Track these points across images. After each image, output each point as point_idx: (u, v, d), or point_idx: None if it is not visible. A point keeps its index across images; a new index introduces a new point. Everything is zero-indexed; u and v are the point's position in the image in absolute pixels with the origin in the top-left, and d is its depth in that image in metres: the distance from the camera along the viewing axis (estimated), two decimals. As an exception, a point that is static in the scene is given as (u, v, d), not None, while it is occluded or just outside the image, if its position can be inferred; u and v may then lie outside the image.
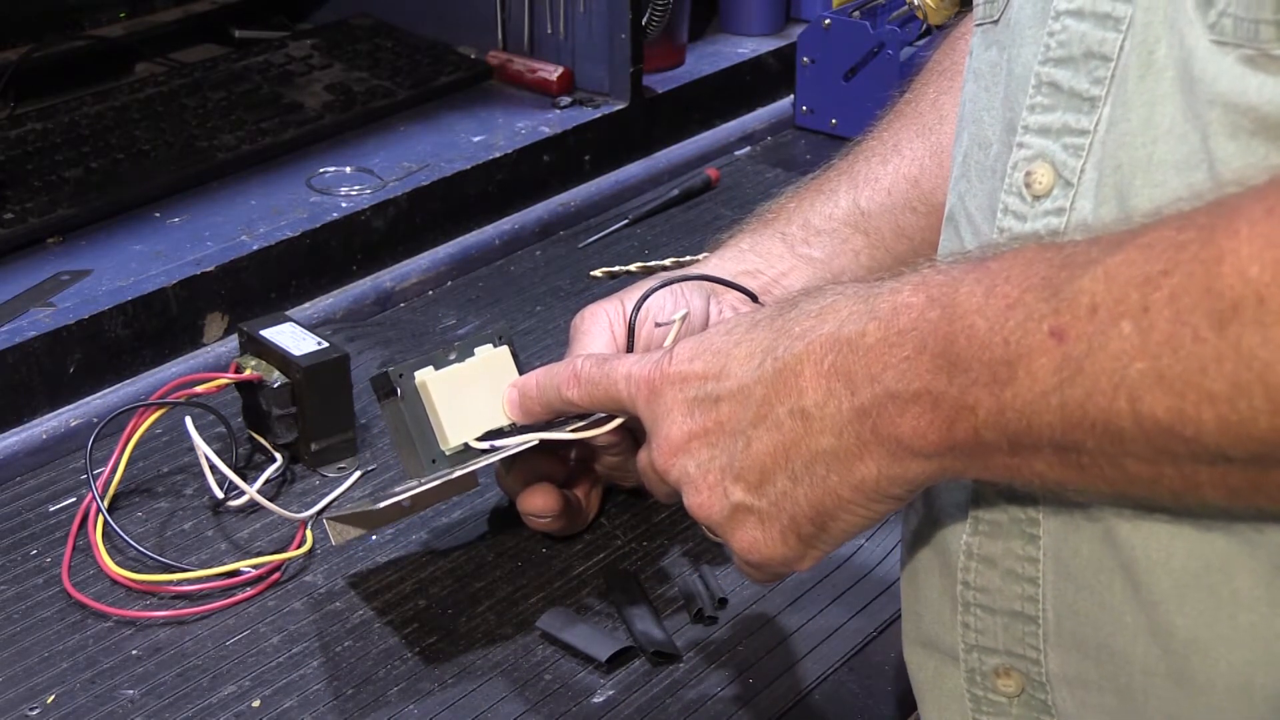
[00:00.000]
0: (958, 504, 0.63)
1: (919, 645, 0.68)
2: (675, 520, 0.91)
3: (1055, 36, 0.58)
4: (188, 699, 0.78)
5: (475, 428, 0.82)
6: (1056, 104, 0.58)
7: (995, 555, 0.61)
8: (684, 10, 1.45)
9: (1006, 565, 0.61)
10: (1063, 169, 0.58)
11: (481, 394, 0.82)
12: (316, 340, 0.95)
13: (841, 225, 0.92)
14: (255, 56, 1.39)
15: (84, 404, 1.02)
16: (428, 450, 0.82)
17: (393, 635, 0.82)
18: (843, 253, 0.91)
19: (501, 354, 0.83)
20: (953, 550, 0.63)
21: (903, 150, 0.92)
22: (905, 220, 0.92)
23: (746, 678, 0.79)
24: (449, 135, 1.30)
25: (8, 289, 1.05)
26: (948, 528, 0.63)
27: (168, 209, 1.17)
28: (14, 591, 0.85)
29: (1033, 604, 0.60)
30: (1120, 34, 0.56)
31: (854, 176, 0.93)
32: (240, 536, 0.90)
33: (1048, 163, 0.58)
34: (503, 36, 1.41)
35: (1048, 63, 0.59)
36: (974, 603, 0.63)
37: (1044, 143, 0.58)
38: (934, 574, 0.65)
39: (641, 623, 0.81)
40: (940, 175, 0.91)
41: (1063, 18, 0.58)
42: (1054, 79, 0.58)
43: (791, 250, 0.91)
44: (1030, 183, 0.59)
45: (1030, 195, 0.59)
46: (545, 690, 0.78)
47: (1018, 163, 0.59)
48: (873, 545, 0.89)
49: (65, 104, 1.28)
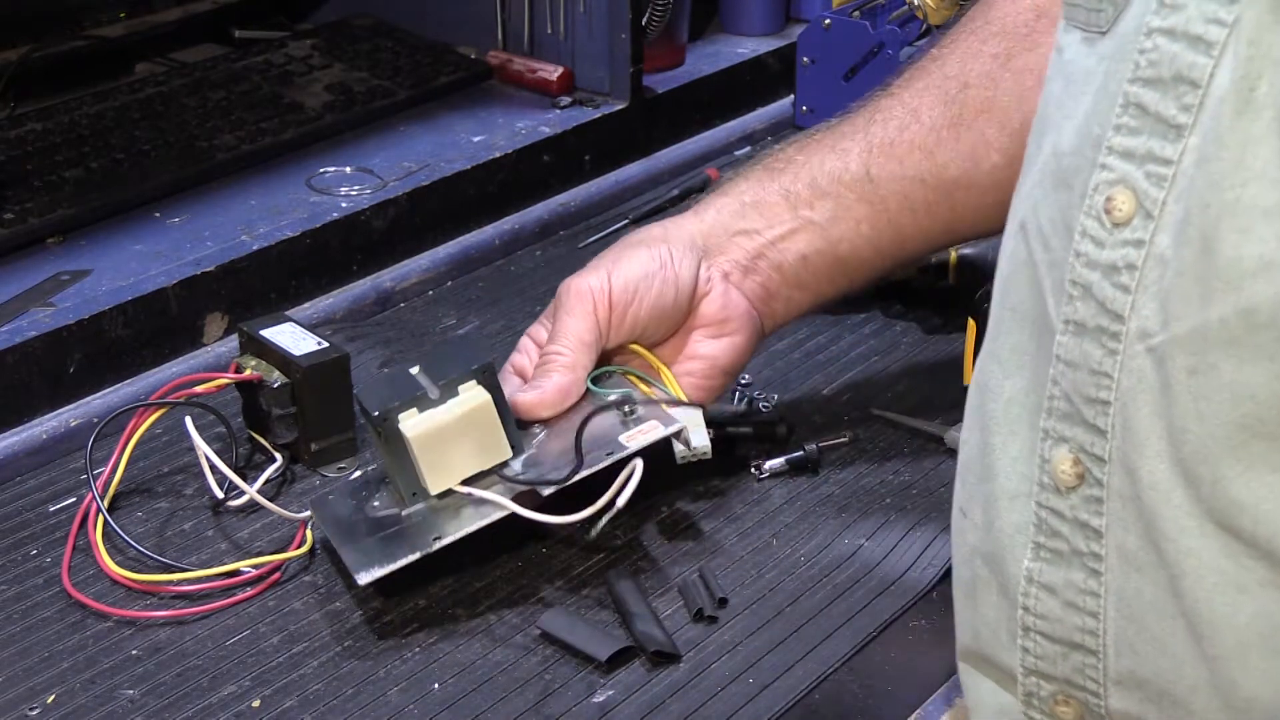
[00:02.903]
0: (1019, 526, 0.61)
1: (974, 661, 0.67)
2: (675, 520, 0.91)
3: (1146, 54, 0.55)
4: (188, 699, 0.78)
5: (457, 475, 0.83)
6: (1142, 127, 0.55)
7: (1056, 584, 0.60)
8: (684, 10, 1.45)
9: (1067, 596, 0.60)
10: (1144, 198, 0.55)
11: (464, 443, 0.83)
12: (316, 340, 0.95)
13: (848, 190, 0.91)
14: (255, 56, 1.39)
15: (84, 404, 1.02)
16: (408, 484, 0.84)
17: (393, 635, 0.82)
18: (844, 219, 0.91)
19: (482, 398, 0.83)
20: (1012, 573, 0.62)
21: (921, 117, 0.90)
22: (914, 192, 0.90)
23: (746, 678, 0.79)
24: (449, 135, 1.30)
25: (8, 289, 1.05)
26: (1008, 549, 0.62)
27: (168, 209, 1.17)
28: (14, 591, 0.85)
29: (1093, 638, 0.59)
30: (1212, 60, 0.53)
31: (869, 139, 0.91)
32: (240, 536, 0.90)
33: (1130, 189, 0.55)
34: (503, 36, 1.41)
35: (1136, 81, 0.56)
36: (1034, 628, 0.62)
37: (1128, 167, 0.56)
38: (992, 592, 0.64)
39: (641, 623, 0.81)
40: (956, 149, 0.90)
41: (1155, 35, 0.55)
42: (1141, 100, 0.55)
43: (794, 211, 0.90)
44: (1110, 208, 0.56)
45: (1110, 221, 0.56)
46: (545, 690, 0.78)
47: (1099, 184, 0.57)
48: (873, 545, 0.89)
49: (65, 104, 1.28)
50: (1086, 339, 0.57)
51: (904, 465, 0.96)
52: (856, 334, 1.11)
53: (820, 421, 1.01)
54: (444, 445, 0.82)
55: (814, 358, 1.08)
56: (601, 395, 0.88)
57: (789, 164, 0.92)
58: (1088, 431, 0.57)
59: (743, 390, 1.03)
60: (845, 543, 0.89)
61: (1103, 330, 0.56)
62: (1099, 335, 0.56)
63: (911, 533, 0.90)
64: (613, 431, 0.85)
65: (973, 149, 0.90)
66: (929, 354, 1.09)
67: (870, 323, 1.13)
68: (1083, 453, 0.58)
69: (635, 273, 0.88)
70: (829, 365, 1.07)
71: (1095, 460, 0.57)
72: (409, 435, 0.82)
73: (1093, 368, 0.57)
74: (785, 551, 0.88)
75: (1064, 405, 0.58)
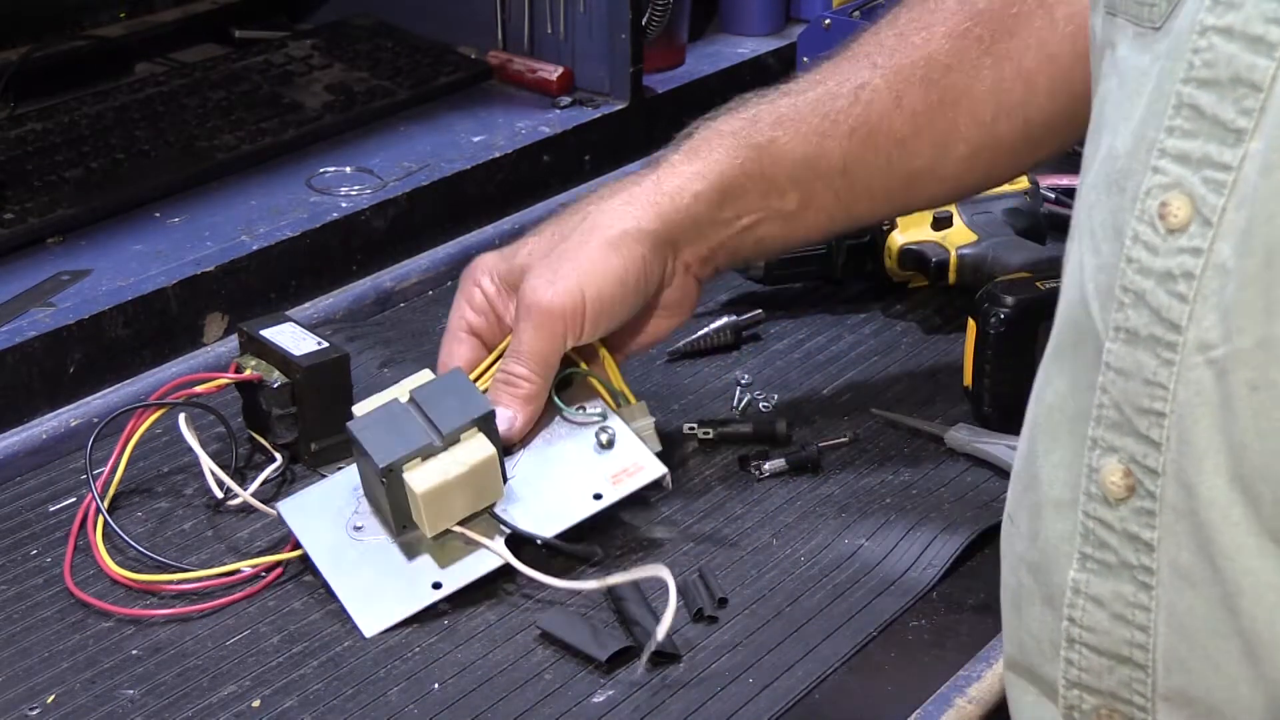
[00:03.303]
0: (1064, 535, 0.60)
1: (1018, 672, 0.65)
2: (675, 520, 0.91)
3: (1200, 54, 0.54)
4: (188, 699, 0.78)
5: (454, 518, 0.84)
6: (1198, 130, 0.53)
7: (1104, 596, 0.59)
8: (684, 10, 1.45)
9: (1116, 609, 0.58)
10: (1201, 204, 0.53)
11: (465, 491, 0.84)
12: (316, 340, 0.95)
13: (821, 184, 0.89)
14: (255, 56, 1.39)
15: (84, 404, 1.02)
16: (400, 519, 0.85)
17: (393, 635, 0.82)
18: (810, 210, 0.90)
19: (488, 451, 0.84)
20: (1058, 583, 0.61)
21: (904, 103, 0.88)
22: (879, 182, 0.90)
23: (746, 678, 0.79)
24: (449, 135, 1.30)
25: (8, 289, 1.05)
26: (1053, 559, 0.61)
27: (168, 209, 1.17)
28: (14, 591, 0.85)
29: (1142, 652, 0.58)
30: (1273, 62, 0.51)
31: (853, 125, 0.88)
32: (240, 536, 0.90)
33: (1186, 195, 0.54)
34: (503, 36, 1.41)
35: (1190, 82, 0.54)
36: (1079, 640, 0.60)
37: (1182, 171, 0.54)
38: (1036, 603, 0.63)
39: (642, 623, 0.81)
40: (929, 138, 0.88)
41: (1209, 34, 0.53)
42: (1196, 101, 0.54)
43: (766, 200, 0.89)
44: (1165, 214, 0.54)
45: (1164, 227, 0.54)
46: (545, 690, 0.78)
47: (1152, 189, 0.55)
48: (873, 545, 0.89)
49: (65, 104, 1.28)
50: (1140, 348, 0.55)
51: (904, 465, 0.96)
52: (856, 334, 1.11)
53: (820, 421, 1.01)
54: (446, 495, 0.83)
55: (814, 358, 1.08)
56: (573, 415, 0.90)
57: (771, 144, 0.89)
58: (1140, 443, 0.56)
59: (743, 390, 1.03)
60: (845, 543, 0.89)
61: (1157, 340, 0.55)
62: (1153, 345, 0.55)
63: (911, 533, 0.89)
64: (593, 466, 0.88)
65: (944, 138, 0.89)
66: (929, 354, 1.09)
67: (870, 323, 1.13)
68: (1134, 464, 0.56)
69: (610, 290, 0.86)
70: (829, 365, 1.07)
71: (1148, 472, 0.56)
72: (418, 491, 0.82)
73: (1146, 378, 0.55)
74: (785, 551, 0.88)
75: (1114, 414, 0.57)
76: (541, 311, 0.85)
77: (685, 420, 0.99)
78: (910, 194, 0.93)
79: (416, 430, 0.84)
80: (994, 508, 0.92)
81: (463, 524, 0.84)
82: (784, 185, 0.88)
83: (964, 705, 0.77)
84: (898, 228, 1.12)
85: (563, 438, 0.90)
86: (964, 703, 0.77)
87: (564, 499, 0.87)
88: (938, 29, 0.89)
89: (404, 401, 0.86)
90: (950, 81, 0.88)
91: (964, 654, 0.81)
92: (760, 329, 1.11)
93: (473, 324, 0.90)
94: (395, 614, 0.82)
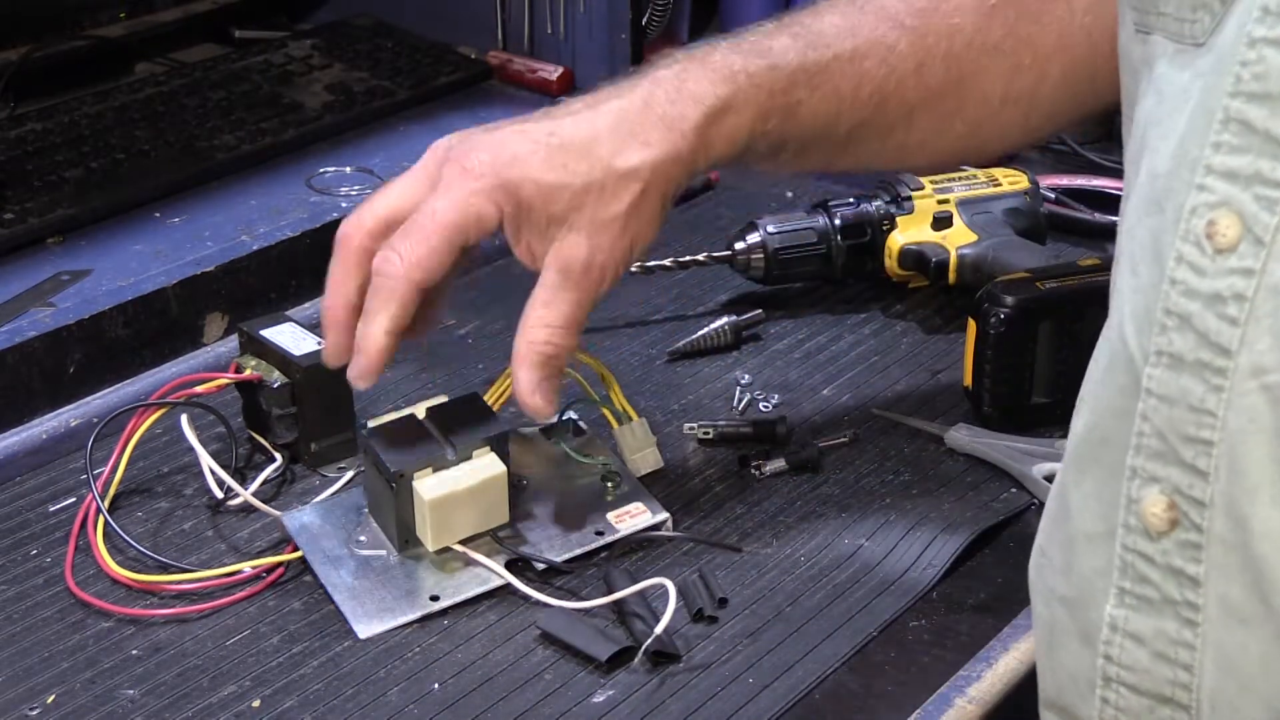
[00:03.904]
0: (1099, 569, 0.58)
1: (1054, 711, 0.64)
2: (675, 520, 0.91)
3: (1250, 67, 0.52)
4: (188, 699, 0.78)
5: (457, 535, 0.85)
6: (1248, 145, 0.51)
7: (1144, 633, 0.57)
8: (684, 10, 1.45)
9: (1157, 647, 0.56)
10: (1253, 223, 0.51)
11: (471, 508, 0.84)
12: (316, 340, 0.95)
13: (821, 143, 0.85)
14: (255, 56, 1.39)
15: (84, 404, 1.02)
16: (403, 532, 0.85)
17: (393, 635, 0.82)
18: (795, 160, 0.86)
19: (498, 469, 0.85)
20: (1094, 620, 0.59)
21: (923, 74, 0.84)
22: (870, 145, 0.86)
23: (746, 678, 0.79)
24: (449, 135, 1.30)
25: (8, 289, 1.05)
26: (1089, 594, 0.59)
27: (168, 209, 1.17)
28: (14, 591, 0.85)
29: (1186, 692, 0.55)
30: None
31: (870, 96, 0.84)
32: (240, 536, 0.90)
33: (1235, 213, 0.52)
34: (503, 36, 1.41)
35: (1239, 96, 0.52)
36: (1116, 679, 0.58)
37: (1231, 189, 0.52)
38: (1072, 639, 0.61)
39: (641, 623, 0.81)
40: (938, 114, 0.85)
41: (1260, 45, 0.51)
42: (1245, 116, 0.52)
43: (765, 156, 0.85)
44: (1212, 233, 0.52)
45: (1212, 247, 0.52)
46: (545, 690, 0.78)
47: (1197, 207, 0.53)
48: (873, 545, 0.89)
49: (65, 104, 1.28)
50: (1185, 373, 0.53)
51: (904, 465, 0.96)
52: (856, 334, 1.11)
53: (820, 421, 1.01)
54: (453, 508, 0.84)
55: (814, 358, 1.08)
56: (580, 461, 0.92)
57: (797, 106, 0.83)
58: (1185, 472, 0.54)
59: (743, 390, 1.03)
60: (845, 543, 0.89)
61: (1205, 365, 0.52)
62: (1200, 370, 0.53)
63: (911, 533, 0.89)
64: (597, 505, 0.89)
65: (949, 115, 0.86)
66: (929, 354, 1.09)
67: (870, 323, 1.13)
68: (1178, 495, 0.54)
69: (649, 242, 0.81)
70: (829, 365, 1.07)
71: (1193, 504, 0.54)
72: (426, 498, 0.83)
73: (1193, 404, 0.53)
74: (785, 551, 0.88)
75: (1156, 443, 0.55)
76: (594, 268, 0.79)
77: (685, 420, 0.99)
78: (893, 160, 0.91)
79: (430, 442, 0.85)
80: (994, 508, 0.92)
81: (465, 544, 0.85)
82: (789, 145, 0.85)
83: (964, 705, 0.77)
84: (898, 228, 1.12)
85: (569, 477, 0.92)
86: (964, 703, 0.78)
87: (566, 532, 0.88)
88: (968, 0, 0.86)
89: (420, 418, 0.87)
90: (970, 59, 0.85)
91: (964, 654, 0.81)
92: (760, 329, 1.11)
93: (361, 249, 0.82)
94: (390, 621, 0.83)
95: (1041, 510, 0.88)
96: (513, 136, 0.80)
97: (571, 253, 0.79)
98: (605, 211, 0.78)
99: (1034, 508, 0.92)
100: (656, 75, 0.82)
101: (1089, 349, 0.62)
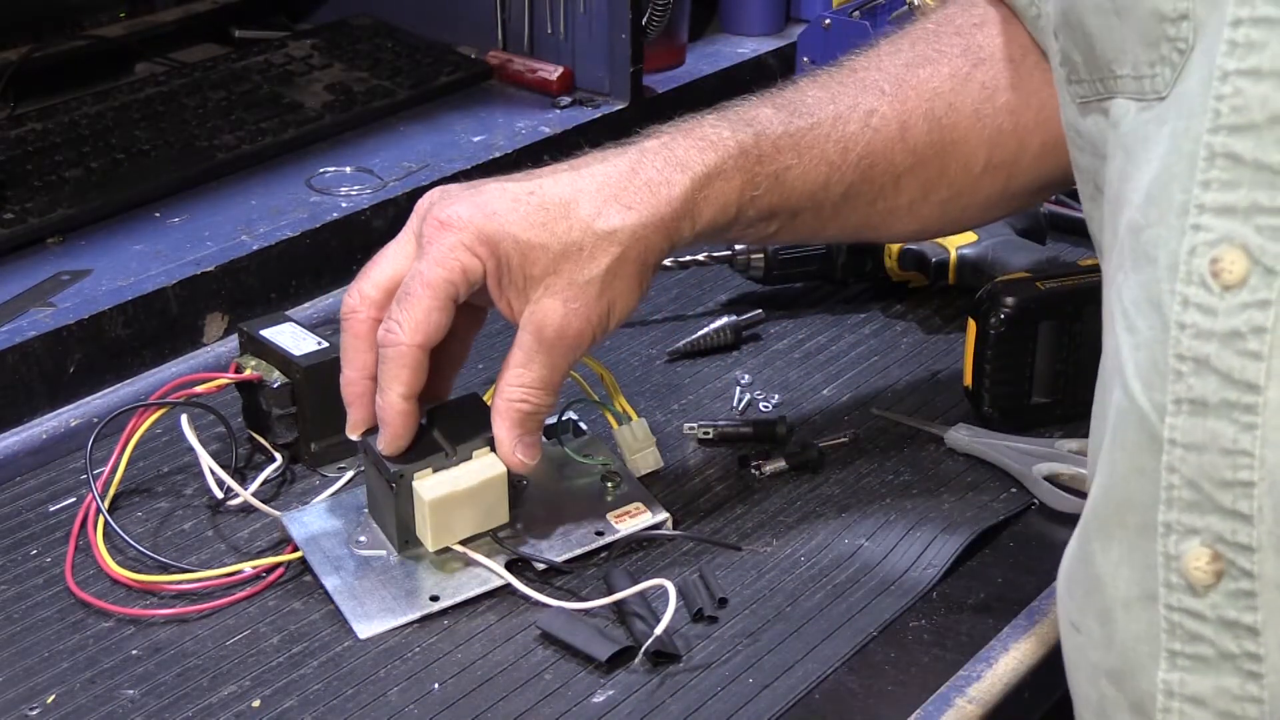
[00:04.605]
0: (1143, 635, 0.56)
1: None
2: (675, 520, 0.91)
3: (1226, 100, 0.51)
4: (188, 699, 0.78)
5: (457, 535, 0.85)
6: (1239, 179, 0.51)
7: (1205, 694, 0.55)
8: (684, 10, 1.45)
9: (1221, 705, 0.54)
10: (1260, 254, 0.50)
11: (471, 508, 0.84)
12: (316, 340, 0.95)
13: (810, 211, 0.84)
14: (255, 56, 1.39)
15: (84, 404, 1.02)
16: (403, 533, 0.85)
17: (393, 635, 0.82)
18: (783, 230, 0.86)
19: (499, 469, 0.84)
20: (1145, 689, 0.57)
21: (908, 137, 0.84)
22: (858, 212, 0.85)
23: (746, 678, 0.79)
24: (449, 135, 1.30)
25: (8, 289, 1.05)
26: (1136, 662, 0.57)
27: (168, 209, 1.17)
28: (14, 591, 0.85)
29: None
30: None
31: (859, 160, 0.83)
32: (240, 536, 0.90)
33: (1238, 247, 0.51)
34: (503, 36, 1.41)
35: (1220, 131, 0.51)
36: None
37: (1230, 224, 0.51)
38: (1123, 713, 0.59)
39: (641, 623, 0.81)
40: (923, 178, 0.85)
41: (1233, 78, 0.51)
42: (1232, 149, 0.51)
43: (752, 225, 0.84)
44: (1217, 270, 0.52)
45: (1219, 285, 0.52)
46: (545, 690, 0.78)
47: (1196, 247, 0.52)
48: (873, 545, 0.89)
49: (65, 104, 1.28)
50: (1211, 416, 0.52)
51: (904, 465, 0.96)
52: (856, 334, 1.11)
53: (820, 421, 1.01)
54: (453, 508, 0.84)
55: (814, 358, 1.08)
56: (580, 461, 0.92)
57: (785, 172, 0.83)
58: (1226, 519, 0.52)
59: (743, 390, 1.03)
60: (845, 543, 0.89)
61: (1232, 404, 0.52)
62: (1228, 410, 0.52)
63: (911, 533, 0.89)
64: (597, 506, 0.90)
65: (933, 180, 0.86)
66: (929, 354, 1.09)
67: (870, 323, 1.13)
68: (1221, 543, 0.53)
69: (630, 309, 0.82)
70: (829, 365, 1.07)
71: (1239, 550, 0.52)
72: (426, 499, 0.83)
73: (1225, 447, 0.52)
74: (785, 551, 0.88)
75: (1188, 494, 0.53)
76: (563, 337, 0.80)
77: (685, 420, 0.99)
78: (879, 227, 0.89)
79: (430, 442, 0.85)
80: (994, 508, 0.92)
81: (465, 544, 0.85)
82: (779, 214, 0.84)
83: (964, 705, 0.77)
84: (898, 228, 1.12)
85: (569, 477, 0.92)
86: (964, 703, 0.78)
87: (566, 532, 0.88)
88: (943, 68, 0.85)
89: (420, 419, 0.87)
90: (952, 123, 0.85)
91: (964, 654, 0.81)
92: (760, 329, 1.11)
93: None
94: (390, 621, 0.83)
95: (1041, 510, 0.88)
96: (493, 192, 0.81)
97: (546, 318, 0.79)
98: (581, 274, 0.79)
99: (1034, 508, 0.92)
100: (644, 145, 0.83)
101: (1089, 349, 0.62)
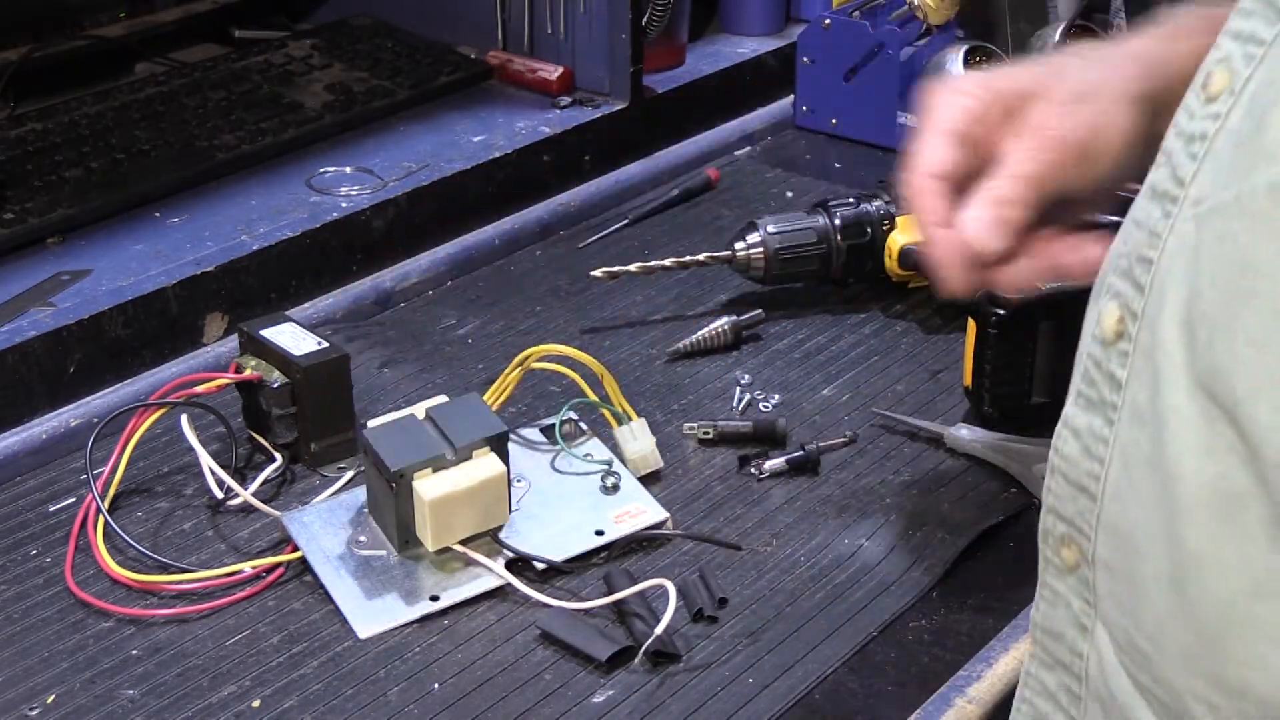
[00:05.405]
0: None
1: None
2: (675, 520, 0.91)
3: None
4: (188, 699, 0.78)
5: (457, 535, 0.85)
6: (1256, 10, 0.55)
7: (1080, 429, 0.60)
8: (684, 10, 1.45)
9: (1086, 442, 0.60)
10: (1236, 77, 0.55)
11: (471, 508, 0.84)
12: (316, 340, 0.95)
13: None
14: (255, 56, 1.39)
15: (84, 404, 1.02)
16: (403, 533, 0.85)
17: (393, 635, 0.82)
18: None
19: (498, 468, 0.85)
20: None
21: None
22: None
23: (746, 678, 0.79)
24: (449, 135, 1.30)
25: (8, 289, 1.05)
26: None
27: (168, 209, 1.17)
28: (14, 591, 0.85)
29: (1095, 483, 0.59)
30: None
31: None
32: (240, 536, 0.90)
33: (1228, 68, 0.56)
34: (503, 36, 1.41)
35: None
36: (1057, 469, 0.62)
37: (1233, 46, 0.56)
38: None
39: (641, 623, 0.81)
40: None
41: None
42: None
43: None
44: (1208, 83, 0.56)
45: (1205, 96, 0.56)
46: (545, 690, 0.78)
47: (1208, 63, 0.57)
48: (873, 545, 0.89)
49: (65, 104, 1.28)
50: (1154, 201, 0.58)
51: (904, 465, 0.96)
52: (856, 334, 1.11)
53: (820, 421, 1.01)
54: (453, 508, 0.84)
55: (814, 358, 1.08)
56: (580, 461, 0.92)
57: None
58: (1133, 288, 0.59)
59: (743, 390, 1.03)
60: (845, 543, 0.89)
61: (1165, 194, 0.57)
62: (1162, 199, 0.57)
63: (911, 533, 0.90)
64: (597, 505, 0.90)
65: None
66: (929, 354, 1.09)
67: (870, 323, 1.13)
68: (1125, 309, 0.59)
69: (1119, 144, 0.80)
70: (829, 365, 1.07)
71: (1132, 316, 0.59)
72: (426, 498, 0.83)
73: (1151, 228, 0.58)
74: (785, 551, 0.88)
75: (1124, 263, 0.60)
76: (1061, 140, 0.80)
77: (685, 420, 0.99)
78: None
79: (430, 441, 0.85)
80: (994, 508, 0.92)
81: (464, 544, 0.85)
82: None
83: (964, 705, 0.77)
84: (898, 228, 1.12)
85: (568, 476, 0.92)
86: (964, 703, 0.78)
87: (566, 532, 0.88)
88: None
89: (420, 418, 0.87)
90: None
91: (964, 654, 0.81)
92: (760, 329, 1.11)
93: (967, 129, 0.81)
94: (390, 620, 0.83)
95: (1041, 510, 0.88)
96: None
97: None
98: None
99: (1034, 508, 0.92)
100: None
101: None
